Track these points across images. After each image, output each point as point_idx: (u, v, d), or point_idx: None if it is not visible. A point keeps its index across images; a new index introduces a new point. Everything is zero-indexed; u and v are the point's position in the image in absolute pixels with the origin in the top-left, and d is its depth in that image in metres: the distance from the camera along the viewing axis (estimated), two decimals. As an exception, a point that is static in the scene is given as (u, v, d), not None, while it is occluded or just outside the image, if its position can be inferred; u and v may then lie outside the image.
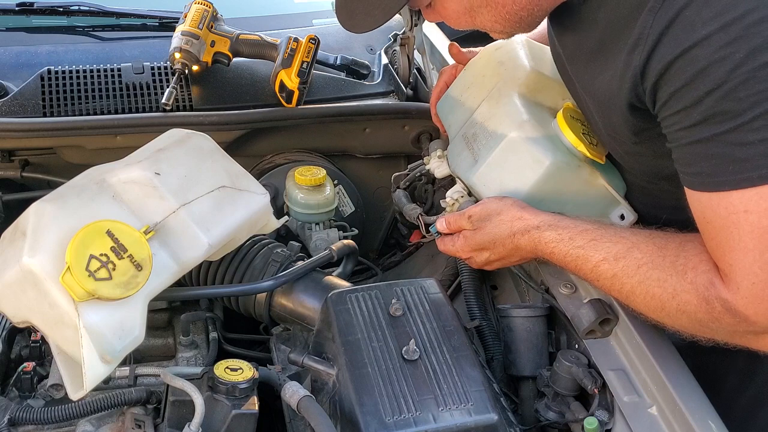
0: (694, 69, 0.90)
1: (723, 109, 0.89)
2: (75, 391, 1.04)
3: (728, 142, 0.90)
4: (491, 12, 1.10)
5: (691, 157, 0.95)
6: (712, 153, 0.92)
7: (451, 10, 1.13)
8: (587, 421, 1.09)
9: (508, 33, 1.18)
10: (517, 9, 1.08)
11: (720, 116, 0.90)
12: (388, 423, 1.01)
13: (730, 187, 0.91)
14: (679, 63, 0.91)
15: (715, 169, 0.92)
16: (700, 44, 0.89)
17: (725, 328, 0.98)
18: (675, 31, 0.91)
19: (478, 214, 1.23)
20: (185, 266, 1.14)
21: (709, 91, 0.89)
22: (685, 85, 0.91)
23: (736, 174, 0.90)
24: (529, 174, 1.23)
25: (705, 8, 0.89)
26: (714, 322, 0.98)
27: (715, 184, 0.93)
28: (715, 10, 0.88)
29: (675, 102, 0.94)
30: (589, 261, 1.09)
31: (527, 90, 1.32)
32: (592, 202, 1.25)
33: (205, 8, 1.66)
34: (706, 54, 0.88)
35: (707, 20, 0.88)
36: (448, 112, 1.47)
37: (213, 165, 1.26)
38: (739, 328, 0.97)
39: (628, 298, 1.07)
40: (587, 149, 1.22)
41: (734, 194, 0.91)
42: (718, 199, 0.93)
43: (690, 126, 0.93)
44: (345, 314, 1.16)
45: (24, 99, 1.58)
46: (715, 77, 0.88)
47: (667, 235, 1.06)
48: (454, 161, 1.38)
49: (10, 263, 1.05)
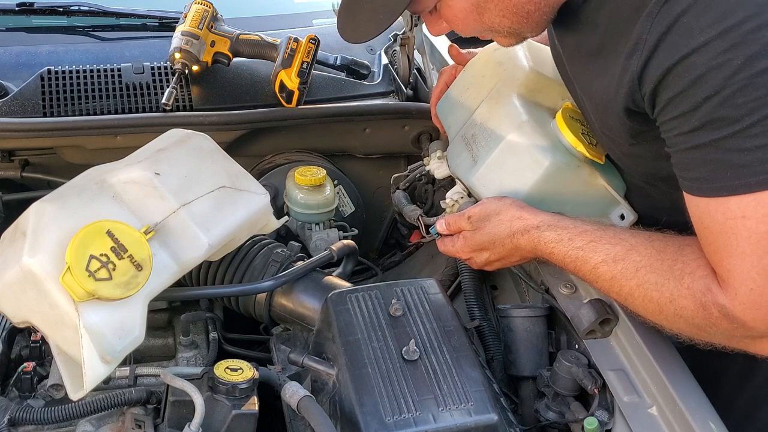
0: (693, 75, 0.90)
1: (721, 115, 0.89)
2: (75, 392, 1.04)
3: (726, 148, 0.90)
4: (498, 6, 1.08)
5: (688, 162, 0.96)
6: (709, 159, 0.92)
7: (457, 9, 1.10)
8: (587, 421, 1.09)
9: (516, 34, 1.15)
10: (524, 2, 1.07)
11: (718, 122, 0.90)
12: (388, 423, 1.01)
13: (728, 192, 0.91)
14: (678, 69, 0.91)
15: (712, 174, 0.92)
16: (698, 51, 0.89)
17: (722, 332, 0.98)
18: (673, 38, 0.91)
19: (478, 214, 1.23)
20: (185, 266, 1.14)
21: (707, 98, 0.89)
22: (684, 91, 0.91)
23: (733, 180, 0.90)
24: (528, 175, 1.23)
25: (703, 15, 0.89)
26: (711, 327, 0.98)
27: (713, 189, 0.93)
28: (713, 16, 0.88)
29: (673, 108, 0.94)
30: (588, 262, 1.09)
31: (526, 90, 1.31)
32: (592, 202, 1.25)
33: (205, 8, 1.66)
34: (704, 60, 0.88)
35: (705, 27, 0.88)
36: (447, 113, 1.47)
37: (213, 165, 1.26)
38: (736, 333, 0.97)
39: (627, 300, 1.07)
40: (586, 149, 1.22)
41: (732, 200, 0.91)
42: (716, 205, 0.93)
43: (688, 132, 0.93)
44: (345, 314, 1.16)
45: (24, 99, 1.58)
46: (714, 83, 0.88)
47: (667, 238, 1.06)
48: (454, 162, 1.39)
49: (10, 263, 1.05)
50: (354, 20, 1.14)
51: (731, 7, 0.87)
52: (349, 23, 1.15)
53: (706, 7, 0.89)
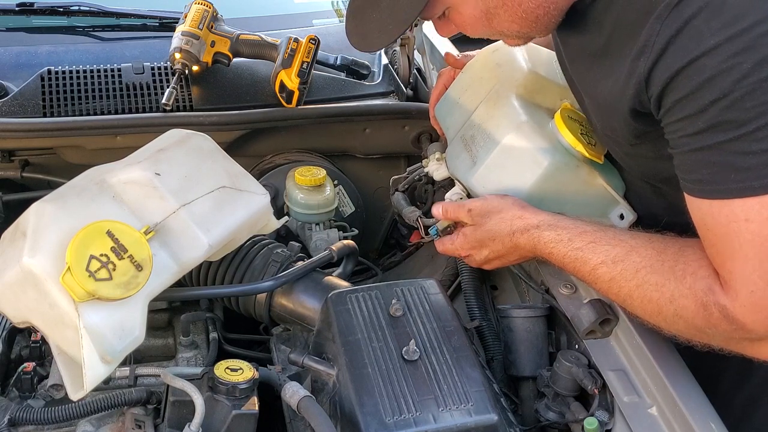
0: (701, 78, 0.90)
1: (728, 118, 0.89)
2: (75, 392, 1.04)
3: (731, 151, 0.90)
4: (508, 12, 1.08)
5: (692, 164, 0.96)
6: (714, 161, 0.92)
7: (467, 15, 1.10)
8: (587, 421, 1.09)
9: (524, 36, 1.15)
10: (534, 7, 1.07)
11: (724, 125, 0.90)
12: (388, 423, 1.01)
13: (731, 195, 0.91)
14: (686, 72, 0.91)
15: (716, 177, 0.92)
16: (707, 54, 0.89)
17: (722, 334, 0.98)
18: (683, 41, 0.91)
19: (479, 208, 1.22)
20: (185, 266, 1.14)
21: (715, 100, 0.89)
22: (691, 93, 0.91)
23: (738, 182, 0.90)
24: (527, 175, 1.23)
25: (713, 18, 0.89)
26: (711, 328, 0.98)
27: (717, 192, 0.93)
28: (723, 20, 0.88)
29: (679, 109, 0.94)
30: (588, 263, 1.09)
31: (525, 91, 1.32)
32: (592, 202, 1.25)
33: (205, 8, 1.66)
34: (713, 64, 0.88)
35: (715, 30, 0.88)
36: (446, 115, 1.47)
37: (213, 165, 1.26)
38: (735, 335, 0.97)
39: (626, 302, 1.07)
40: (585, 149, 1.22)
41: (736, 202, 0.91)
42: (719, 207, 0.93)
43: (693, 134, 0.93)
44: (345, 314, 1.16)
45: (24, 99, 1.58)
46: (722, 87, 0.88)
47: (667, 240, 1.06)
48: (453, 163, 1.39)
49: (10, 263, 1.05)
50: (362, 28, 1.14)
51: (742, 11, 0.87)
52: (356, 30, 1.14)
53: (717, 10, 0.89)
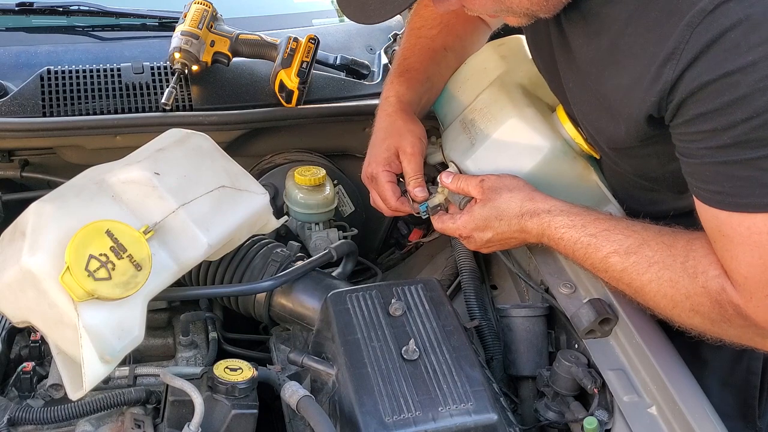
0: (734, 95, 0.88)
1: (759, 136, 0.89)
2: (74, 391, 1.05)
3: (759, 168, 0.90)
4: None
5: (713, 175, 0.95)
6: (738, 175, 0.92)
7: None
8: (587, 421, 1.09)
9: (530, 15, 1.07)
10: None
11: (754, 143, 0.89)
12: (388, 423, 1.01)
13: (755, 209, 0.92)
14: (717, 85, 0.89)
15: (740, 190, 0.93)
16: (743, 70, 0.87)
17: (737, 328, 1.00)
18: (717, 52, 0.89)
19: (492, 181, 1.21)
20: (185, 266, 1.14)
21: (747, 119, 0.88)
22: (721, 108, 0.90)
23: (762, 197, 0.91)
24: (525, 160, 1.24)
25: (753, 33, 0.86)
26: (726, 323, 1.00)
27: (739, 205, 0.93)
28: (763, 36, 0.86)
29: (702, 122, 0.93)
30: (600, 250, 1.08)
31: (529, 83, 1.34)
32: (583, 197, 1.25)
33: (204, 8, 1.66)
34: (749, 81, 0.87)
35: (754, 46, 0.86)
36: (443, 105, 1.48)
37: (212, 165, 1.26)
38: (749, 330, 0.99)
39: (637, 294, 1.07)
40: (585, 142, 1.24)
41: (759, 216, 0.92)
42: (740, 219, 0.94)
43: (717, 147, 0.93)
44: (344, 314, 1.16)
45: (24, 99, 1.58)
46: (756, 106, 0.87)
47: (674, 233, 1.06)
48: (449, 146, 1.38)
49: (9, 263, 1.05)
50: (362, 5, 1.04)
51: None
52: (353, 0, 1.05)
53: (757, 25, 0.86)
